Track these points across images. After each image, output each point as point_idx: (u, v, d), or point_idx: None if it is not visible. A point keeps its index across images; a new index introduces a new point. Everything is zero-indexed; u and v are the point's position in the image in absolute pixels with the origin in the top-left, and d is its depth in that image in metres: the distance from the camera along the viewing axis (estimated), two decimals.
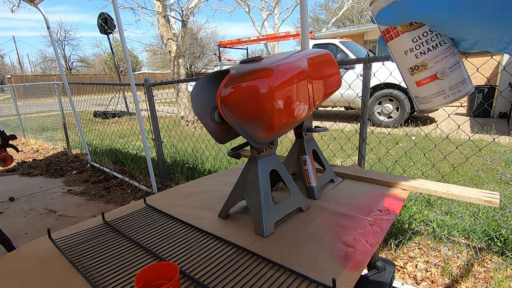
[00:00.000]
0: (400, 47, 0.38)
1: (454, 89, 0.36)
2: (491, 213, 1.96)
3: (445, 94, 0.37)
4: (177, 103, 6.95)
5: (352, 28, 11.83)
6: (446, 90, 0.37)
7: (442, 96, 0.37)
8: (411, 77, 0.38)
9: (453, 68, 0.36)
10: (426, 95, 0.38)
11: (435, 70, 0.36)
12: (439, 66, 0.36)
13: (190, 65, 24.80)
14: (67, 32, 37.52)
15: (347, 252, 0.58)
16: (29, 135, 6.86)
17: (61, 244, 0.67)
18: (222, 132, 0.71)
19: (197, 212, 0.81)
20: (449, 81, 0.36)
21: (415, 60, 0.37)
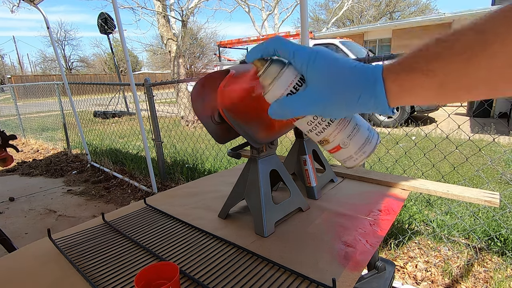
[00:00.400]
0: (302, 128, 0.42)
1: (359, 152, 0.40)
2: (491, 213, 1.96)
3: (353, 158, 0.41)
4: (177, 103, 6.95)
5: (352, 28, 11.84)
6: (353, 155, 0.41)
7: (352, 160, 0.41)
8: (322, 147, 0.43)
9: (352, 135, 0.40)
10: (340, 159, 0.42)
11: (337, 142, 0.40)
12: (338, 138, 0.40)
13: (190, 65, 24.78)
14: (67, 32, 37.53)
15: (347, 252, 0.58)
16: (29, 135, 6.86)
17: (61, 244, 0.67)
18: (222, 132, 0.71)
19: (197, 212, 0.81)
20: (352, 147, 0.40)
21: (317, 137, 0.41)
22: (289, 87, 0.38)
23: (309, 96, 0.36)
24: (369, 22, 20.27)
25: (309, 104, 0.36)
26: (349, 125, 0.40)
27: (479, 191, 0.78)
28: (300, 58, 0.37)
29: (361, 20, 22.44)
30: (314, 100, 0.36)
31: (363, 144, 0.40)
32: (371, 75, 0.33)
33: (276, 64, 0.39)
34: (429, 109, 5.55)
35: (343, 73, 0.34)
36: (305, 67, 0.36)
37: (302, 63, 0.36)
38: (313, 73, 0.36)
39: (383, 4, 22.42)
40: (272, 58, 0.40)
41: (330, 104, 0.35)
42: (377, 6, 22.35)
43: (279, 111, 0.39)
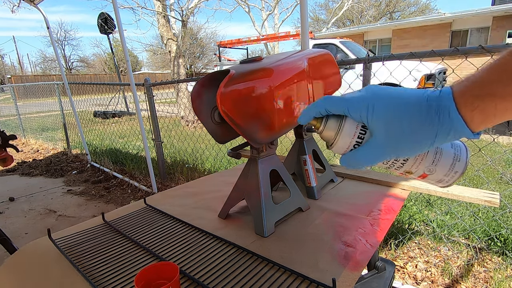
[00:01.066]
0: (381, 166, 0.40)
1: (450, 174, 0.37)
2: (491, 213, 1.96)
3: (445, 180, 0.38)
4: (177, 103, 6.95)
5: (352, 28, 11.83)
6: (443, 178, 0.37)
7: (444, 182, 0.38)
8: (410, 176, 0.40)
9: (436, 161, 0.36)
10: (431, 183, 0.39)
11: (421, 172, 0.37)
12: (421, 168, 0.37)
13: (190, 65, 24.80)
14: (67, 32, 37.52)
15: (347, 252, 0.58)
16: (29, 135, 6.86)
17: (61, 244, 0.66)
18: (222, 132, 0.71)
19: (197, 212, 0.81)
20: (440, 172, 0.37)
21: (398, 171, 0.39)
22: (354, 138, 0.36)
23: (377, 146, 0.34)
24: (369, 22, 20.27)
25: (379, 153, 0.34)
26: (429, 154, 0.36)
27: (479, 191, 0.78)
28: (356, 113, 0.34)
29: (361, 20, 22.44)
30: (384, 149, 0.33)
31: (451, 165, 0.37)
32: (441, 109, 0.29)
33: (334, 118, 0.37)
34: None
35: (406, 115, 0.31)
36: (365, 119, 0.34)
37: (361, 116, 0.34)
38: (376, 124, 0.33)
39: (383, 4, 22.42)
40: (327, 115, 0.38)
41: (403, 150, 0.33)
42: (377, 6, 22.35)
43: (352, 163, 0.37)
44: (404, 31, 10.19)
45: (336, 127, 0.37)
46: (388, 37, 10.71)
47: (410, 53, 1.41)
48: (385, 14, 23.14)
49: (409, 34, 10.11)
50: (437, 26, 9.55)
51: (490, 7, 8.80)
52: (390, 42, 10.70)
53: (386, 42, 10.93)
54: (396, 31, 10.34)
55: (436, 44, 9.57)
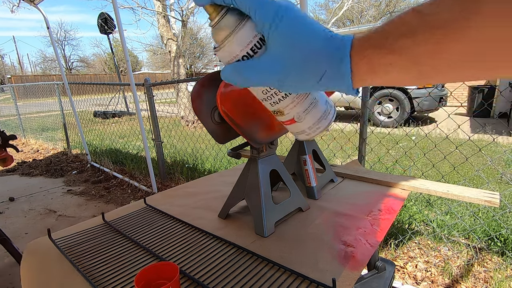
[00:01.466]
0: (256, 95, 0.39)
1: (313, 127, 0.38)
2: (491, 213, 1.96)
3: (306, 133, 0.39)
4: (177, 103, 6.95)
5: (352, 28, 11.83)
6: (306, 130, 0.38)
7: (304, 134, 0.39)
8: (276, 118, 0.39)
9: (308, 110, 0.37)
10: (293, 132, 0.40)
11: (291, 115, 0.37)
12: (294, 111, 0.37)
13: (190, 65, 24.80)
14: (67, 32, 37.54)
15: (347, 252, 0.58)
16: (29, 135, 6.86)
17: (61, 244, 0.66)
18: (222, 132, 0.71)
19: (197, 212, 0.81)
20: (307, 122, 0.37)
21: (272, 108, 0.38)
22: (246, 47, 0.31)
23: (267, 65, 0.31)
24: (369, 22, 20.26)
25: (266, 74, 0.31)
26: (307, 99, 0.36)
27: (479, 191, 0.78)
28: (263, 14, 0.30)
29: (361, 20, 22.43)
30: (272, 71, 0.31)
31: (319, 119, 0.37)
32: (339, 48, 0.28)
33: (233, 16, 0.31)
34: (429, 109, 5.55)
35: (311, 43, 0.29)
36: (268, 27, 0.30)
37: (265, 21, 0.30)
38: (276, 37, 0.29)
39: (383, 4, 22.41)
40: (228, 7, 0.32)
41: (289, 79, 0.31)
42: (377, 6, 22.35)
43: (232, 77, 0.34)
44: None
45: (233, 25, 0.31)
46: None
47: None
48: (385, 14, 23.14)
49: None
50: None
51: None
52: None
53: None
54: None
55: None
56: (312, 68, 0.29)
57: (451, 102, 8.05)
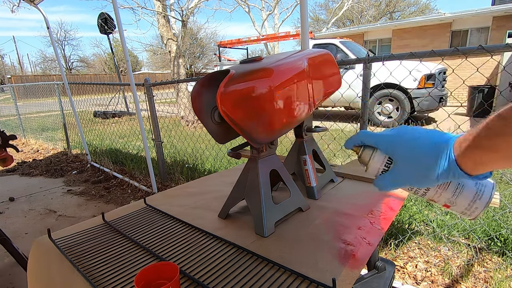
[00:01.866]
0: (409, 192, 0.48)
1: (470, 209, 0.42)
2: (491, 213, 1.96)
3: (466, 214, 0.43)
4: (177, 103, 6.95)
5: (352, 28, 11.82)
6: (464, 211, 0.43)
7: (466, 214, 0.44)
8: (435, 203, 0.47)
9: (457, 194, 0.42)
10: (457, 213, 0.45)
11: (443, 202, 0.44)
12: (443, 199, 0.44)
13: (190, 65, 24.80)
14: (67, 32, 37.50)
15: (346, 251, 0.58)
16: (29, 135, 6.86)
17: (61, 244, 0.66)
18: (222, 132, 0.71)
19: (197, 212, 0.81)
20: (461, 205, 0.43)
21: (424, 198, 0.46)
22: (382, 165, 0.46)
23: (397, 175, 0.43)
24: (369, 22, 20.25)
25: (399, 180, 0.43)
26: (449, 187, 0.43)
27: None
28: (382, 147, 0.45)
29: (361, 20, 22.42)
30: (402, 178, 0.43)
31: (471, 201, 0.42)
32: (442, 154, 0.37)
33: (368, 149, 0.47)
34: (429, 109, 5.54)
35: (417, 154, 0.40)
36: (390, 153, 0.44)
37: (386, 151, 0.45)
38: (396, 158, 0.43)
39: (383, 4, 22.40)
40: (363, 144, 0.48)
41: (415, 181, 0.42)
42: (377, 6, 22.34)
43: (379, 185, 0.46)
44: (404, 31, 10.18)
45: (369, 155, 0.47)
46: (388, 37, 10.70)
47: (410, 53, 1.41)
48: (385, 14, 23.14)
49: (409, 34, 10.09)
50: (437, 26, 9.53)
51: (490, 7, 8.79)
52: (390, 42, 10.69)
53: (386, 42, 10.92)
54: (396, 31, 10.33)
55: (436, 44, 9.56)
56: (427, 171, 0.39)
57: (451, 102, 8.04)
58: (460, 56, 1.35)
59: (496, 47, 1.32)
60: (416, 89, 5.30)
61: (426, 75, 5.28)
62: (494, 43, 8.45)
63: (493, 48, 1.29)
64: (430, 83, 5.38)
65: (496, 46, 1.30)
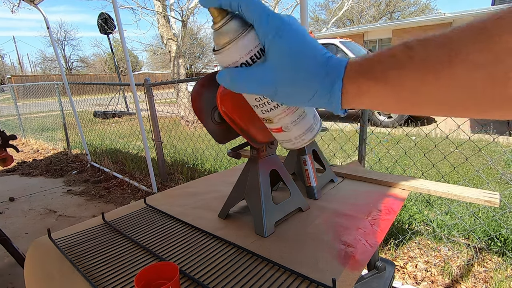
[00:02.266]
0: (248, 100, 0.40)
1: (298, 138, 0.40)
2: (491, 213, 1.96)
3: (292, 142, 0.41)
4: (177, 103, 6.95)
5: (352, 28, 11.83)
6: (292, 139, 0.41)
7: (290, 143, 0.41)
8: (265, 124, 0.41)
9: (296, 122, 0.39)
10: (279, 139, 0.42)
11: (280, 125, 0.39)
12: (282, 122, 0.39)
13: (190, 65, 24.80)
14: (67, 32, 37.54)
15: (347, 252, 0.58)
16: (29, 135, 6.86)
17: (61, 244, 0.66)
18: (222, 132, 0.71)
19: (197, 212, 0.81)
20: (294, 132, 0.39)
21: (262, 115, 0.40)
22: (246, 56, 0.32)
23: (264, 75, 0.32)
24: (369, 22, 20.26)
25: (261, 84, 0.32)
26: (297, 112, 0.38)
27: (479, 191, 0.78)
28: (266, 26, 0.31)
29: (361, 20, 22.43)
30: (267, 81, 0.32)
31: (305, 132, 0.39)
32: (333, 70, 0.30)
33: (237, 23, 0.32)
34: None
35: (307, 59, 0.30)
36: (269, 39, 0.31)
37: (267, 33, 0.31)
38: (276, 50, 0.31)
39: (383, 4, 22.41)
40: (233, 13, 0.33)
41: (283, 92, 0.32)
42: (377, 6, 22.35)
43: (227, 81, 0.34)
44: (404, 31, 10.19)
45: (237, 32, 0.32)
46: (388, 37, 10.71)
47: None
48: (385, 14, 23.15)
49: (409, 34, 10.13)
50: (437, 26, 9.55)
51: (490, 7, 8.81)
52: (390, 42, 10.70)
53: (386, 42, 10.94)
54: (396, 31, 10.34)
55: None
56: (305, 85, 0.31)
57: None
58: None
59: None
60: None
61: None
62: None
63: None
64: None
65: None
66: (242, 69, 0.33)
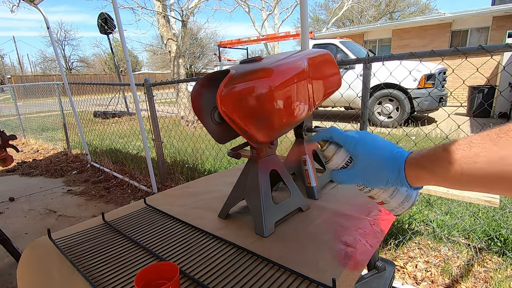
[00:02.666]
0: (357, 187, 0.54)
1: (399, 207, 0.52)
2: (491, 213, 1.96)
3: (394, 211, 0.53)
4: (177, 103, 6.95)
5: (352, 28, 11.82)
6: (394, 208, 0.52)
7: (394, 211, 0.53)
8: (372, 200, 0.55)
9: (392, 196, 0.51)
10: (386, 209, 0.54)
11: (380, 199, 0.52)
12: (381, 197, 0.52)
13: (190, 65, 24.80)
14: (67, 32, 37.49)
15: (347, 252, 0.58)
16: (29, 135, 6.86)
17: (61, 244, 0.66)
18: (222, 132, 0.71)
19: (197, 212, 0.81)
20: (393, 204, 0.52)
21: (365, 194, 0.54)
22: (342, 162, 0.52)
23: (354, 173, 0.50)
24: (369, 22, 20.25)
25: (354, 178, 0.50)
26: (389, 189, 0.51)
27: None
28: (347, 145, 0.51)
29: (361, 20, 22.42)
30: (358, 176, 0.49)
31: (402, 202, 0.51)
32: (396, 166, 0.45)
33: (333, 144, 0.53)
34: (429, 109, 5.54)
35: (376, 161, 0.47)
36: (351, 152, 0.51)
37: (349, 149, 0.51)
38: (358, 157, 0.50)
39: (383, 4, 22.40)
40: (331, 140, 0.53)
41: (368, 181, 0.49)
42: (377, 6, 22.34)
43: (337, 178, 0.52)
44: (404, 31, 10.17)
45: (334, 151, 0.52)
46: (388, 37, 10.70)
47: (410, 53, 1.41)
48: (385, 14, 23.14)
49: (409, 34, 10.09)
50: (437, 26, 9.53)
51: (490, 7, 8.78)
52: (390, 42, 10.68)
53: (386, 42, 10.92)
54: (396, 31, 10.33)
55: (436, 44, 9.56)
56: (381, 176, 0.47)
57: (451, 102, 8.04)
58: (460, 56, 1.35)
59: (496, 47, 1.32)
60: (416, 89, 5.30)
61: (426, 75, 5.28)
62: (494, 43, 8.45)
63: (493, 48, 1.29)
64: (430, 83, 5.38)
65: (496, 46, 1.30)
66: (341, 170, 0.52)
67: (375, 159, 0.47)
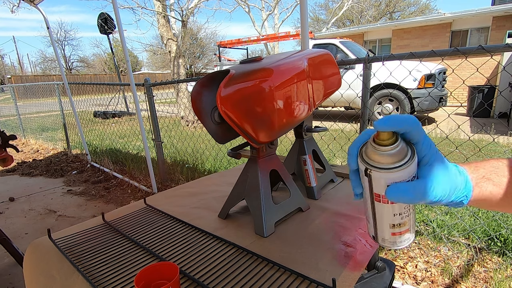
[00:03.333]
0: (390, 210, 0.44)
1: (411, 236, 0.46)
2: (491, 213, 1.96)
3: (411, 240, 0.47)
4: (177, 103, 6.94)
5: (352, 28, 11.82)
6: (410, 237, 0.46)
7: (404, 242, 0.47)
8: (388, 229, 0.46)
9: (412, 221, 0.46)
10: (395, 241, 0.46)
11: (408, 226, 0.45)
12: (411, 223, 0.46)
13: (190, 65, 24.79)
14: (67, 32, 37.48)
15: (347, 252, 0.58)
16: (29, 135, 6.86)
17: (61, 244, 0.66)
18: (222, 132, 0.71)
19: (197, 212, 0.81)
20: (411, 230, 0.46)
21: (400, 220, 0.45)
22: (414, 172, 0.39)
23: (425, 189, 0.39)
24: (369, 22, 20.25)
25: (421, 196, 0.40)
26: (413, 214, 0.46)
27: None
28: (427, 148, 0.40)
29: (361, 20, 22.42)
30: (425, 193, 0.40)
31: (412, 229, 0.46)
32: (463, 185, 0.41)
33: (406, 147, 0.38)
34: (429, 109, 5.54)
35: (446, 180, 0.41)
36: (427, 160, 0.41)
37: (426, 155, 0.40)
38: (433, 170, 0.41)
39: (383, 4, 22.40)
40: (401, 138, 0.38)
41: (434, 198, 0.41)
42: (377, 6, 22.34)
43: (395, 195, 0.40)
44: (404, 31, 10.17)
45: (407, 156, 0.38)
46: (388, 37, 10.70)
47: (410, 53, 1.41)
48: (385, 14, 23.14)
49: (409, 34, 10.10)
50: (437, 26, 9.53)
51: (490, 7, 8.78)
52: (390, 42, 10.68)
53: (386, 42, 10.93)
54: (396, 31, 10.33)
55: (436, 44, 9.57)
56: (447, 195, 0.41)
57: (451, 102, 8.04)
58: (460, 56, 1.35)
59: (496, 47, 1.32)
60: (416, 89, 5.30)
61: (426, 75, 5.28)
62: (494, 43, 8.46)
63: (493, 48, 1.29)
64: (430, 83, 5.38)
65: (496, 46, 1.30)
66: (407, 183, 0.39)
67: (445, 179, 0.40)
